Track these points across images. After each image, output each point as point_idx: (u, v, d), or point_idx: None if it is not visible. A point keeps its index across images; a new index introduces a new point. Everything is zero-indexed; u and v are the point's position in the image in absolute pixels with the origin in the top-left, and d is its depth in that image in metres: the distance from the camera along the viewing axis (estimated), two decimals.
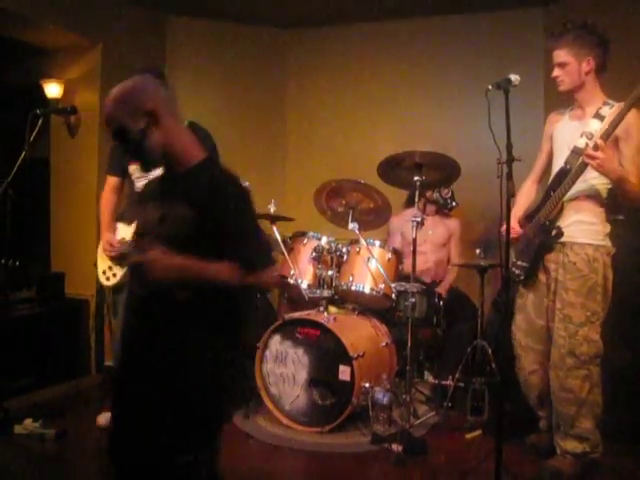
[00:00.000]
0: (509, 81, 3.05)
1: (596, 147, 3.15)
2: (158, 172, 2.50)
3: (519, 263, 3.63)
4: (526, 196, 3.80)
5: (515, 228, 3.64)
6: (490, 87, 3.10)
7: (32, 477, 3.48)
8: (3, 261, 4.20)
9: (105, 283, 4.26)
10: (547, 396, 3.65)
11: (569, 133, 3.51)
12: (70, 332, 5.25)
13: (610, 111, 3.35)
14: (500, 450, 2.91)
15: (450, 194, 5.13)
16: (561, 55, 3.40)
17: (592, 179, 3.39)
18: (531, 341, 3.68)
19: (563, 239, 3.44)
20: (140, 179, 4.00)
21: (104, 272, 4.24)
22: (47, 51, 5.59)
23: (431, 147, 4.07)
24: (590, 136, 3.31)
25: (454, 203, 5.17)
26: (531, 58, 5.37)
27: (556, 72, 3.45)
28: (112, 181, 4.24)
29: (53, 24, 5.04)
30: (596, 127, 3.35)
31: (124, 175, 4.17)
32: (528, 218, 3.69)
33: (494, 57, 5.49)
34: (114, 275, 4.19)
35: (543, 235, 3.50)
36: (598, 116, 3.38)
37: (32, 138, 4.01)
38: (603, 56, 3.40)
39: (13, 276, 4.59)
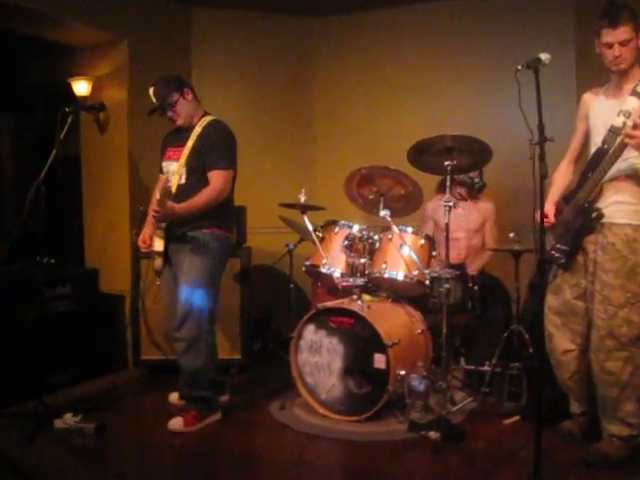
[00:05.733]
0: (539, 60, 3.00)
1: (635, 126, 3.08)
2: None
3: (559, 246, 3.56)
4: (563, 177, 3.73)
5: (549, 213, 3.59)
6: (520, 67, 3.07)
7: (72, 471, 3.51)
8: (38, 259, 4.24)
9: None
10: (582, 378, 3.61)
11: (606, 112, 3.42)
12: (106, 327, 5.31)
13: None
14: (540, 436, 2.87)
15: (476, 173, 5.02)
16: (626, 32, 3.23)
17: (632, 158, 3.31)
18: (568, 321, 3.60)
19: (602, 220, 3.38)
20: (167, 174, 4.06)
21: None
22: (74, 49, 5.63)
23: (461, 130, 4.03)
24: (627, 114, 3.24)
25: (480, 182, 5.07)
26: (562, 37, 5.28)
27: (618, 51, 3.27)
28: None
29: (79, 22, 5.05)
30: (634, 104, 3.26)
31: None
32: (566, 200, 3.62)
33: (524, 37, 5.39)
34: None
35: (583, 217, 3.43)
36: (636, 93, 3.29)
37: (62, 136, 4.03)
38: None
39: (48, 273, 4.64)
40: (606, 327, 3.35)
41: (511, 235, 4.49)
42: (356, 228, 4.53)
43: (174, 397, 4.45)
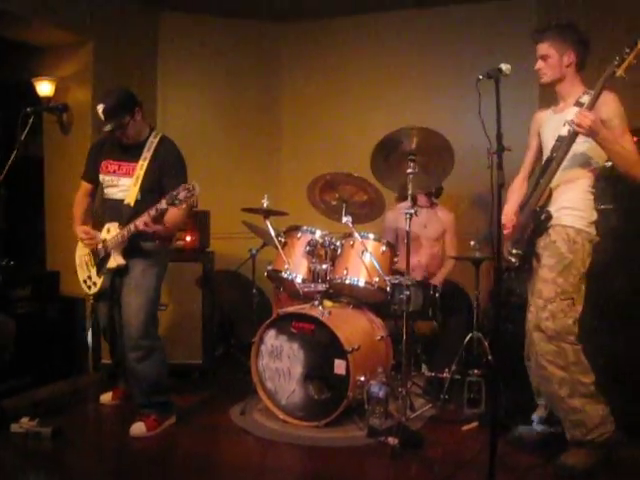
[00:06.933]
0: (500, 70, 3.07)
1: (581, 114, 3.22)
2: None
3: (514, 251, 3.63)
4: (518, 192, 3.84)
5: (509, 224, 3.69)
6: (481, 77, 3.12)
7: (28, 475, 3.47)
8: None
9: (87, 292, 4.23)
10: None
11: (554, 125, 3.58)
12: (66, 331, 5.25)
13: (589, 98, 3.37)
14: (495, 442, 2.90)
15: None
16: (544, 48, 3.51)
17: (578, 166, 3.45)
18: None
19: (550, 222, 3.47)
20: (110, 187, 4.07)
21: (85, 281, 4.20)
22: (39, 49, 5.58)
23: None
24: (572, 123, 3.33)
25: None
26: (525, 48, 5.32)
27: (538, 65, 3.55)
28: (84, 187, 4.25)
29: (44, 22, 5.03)
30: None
31: (96, 182, 4.16)
32: (521, 208, 3.72)
33: (487, 47, 5.46)
34: (94, 284, 4.14)
35: (535, 220, 3.52)
36: (578, 104, 3.44)
37: (24, 137, 3.97)
38: (583, 53, 3.50)
39: (8, 275, 4.58)
40: (534, 320, 3.43)
41: (472, 243, 4.56)
42: (318, 234, 4.54)
43: (106, 397, 4.52)
